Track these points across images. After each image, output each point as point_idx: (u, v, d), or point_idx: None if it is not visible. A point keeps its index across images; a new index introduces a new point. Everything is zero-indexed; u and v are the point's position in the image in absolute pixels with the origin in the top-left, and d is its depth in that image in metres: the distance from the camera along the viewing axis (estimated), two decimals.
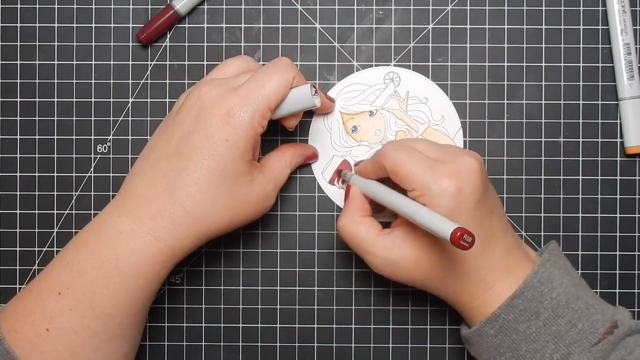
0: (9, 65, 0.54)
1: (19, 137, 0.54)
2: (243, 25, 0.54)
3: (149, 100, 0.54)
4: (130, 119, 0.54)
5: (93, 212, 0.54)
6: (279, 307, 0.54)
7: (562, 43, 0.54)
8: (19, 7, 0.54)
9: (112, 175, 0.54)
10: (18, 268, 0.54)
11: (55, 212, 0.54)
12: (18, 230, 0.54)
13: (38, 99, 0.54)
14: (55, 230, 0.54)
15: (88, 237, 0.45)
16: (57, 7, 0.54)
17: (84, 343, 0.43)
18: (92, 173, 0.54)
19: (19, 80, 0.54)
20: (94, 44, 0.54)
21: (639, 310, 0.53)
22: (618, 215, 0.54)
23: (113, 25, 0.54)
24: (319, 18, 0.54)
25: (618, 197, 0.54)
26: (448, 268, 0.45)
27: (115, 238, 0.44)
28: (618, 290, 0.54)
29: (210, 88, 0.46)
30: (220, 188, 0.44)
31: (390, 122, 0.54)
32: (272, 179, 0.48)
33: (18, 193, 0.54)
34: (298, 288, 0.54)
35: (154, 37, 0.53)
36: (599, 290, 0.53)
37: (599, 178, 0.54)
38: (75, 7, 0.54)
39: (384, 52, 0.54)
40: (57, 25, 0.54)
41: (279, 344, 0.54)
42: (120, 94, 0.54)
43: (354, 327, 0.54)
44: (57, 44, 0.54)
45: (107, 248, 0.44)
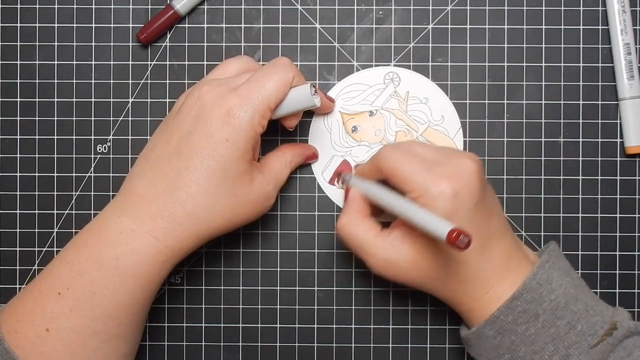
0: (9, 65, 0.54)
1: (19, 137, 0.54)
2: (243, 25, 0.54)
3: (149, 100, 0.54)
4: (130, 119, 0.54)
5: (93, 212, 0.54)
6: (279, 307, 0.54)
7: (562, 43, 0.54)
8: (19, 7, 0.54)
9: (112, 175, 0.54)
10: (18, 268, 0.54)
11: (55, 212, 0.54)
12: (18, 230, 0.54)
13: (38, 99, 0.54)
14: (55, 230, 0.54)
15: (88, 237, 0.45)
16: (57, 7, 0.54)
17: (84, 343, 0.43)
18: (92, 173, 0.54)
19: (19, 80, 0.54)
20: (94, 44, 0.54)
21: (639, 311, 0.53)
22: (618, 216, 0.54)
23: (113, 25, 0.54)
24: (319, 18, 0.54)
25: (618, 197, 0.54)
26: (447, 269, 0.45)
27: (115, 238, 0.44)
28: (618, 291, 0.53)
29: (210, 88, 0.46)
30: (220, 188, 0.44)
31: (390, 122, 0.54)
32: (272, 179, 0.48)
33: (18, 193, 0.54)
34: (298, 288, 0.54)
35: (154, 37, 0.53)
36: (599, 291, 0.53)
37: (599, 178, 0.54)
38: (75, 7, 0.54)
39: (384, 52, 0.54)
40: (57, 25, 0.54)
41: (279, 344, 0.54)
42: (120, 94, 0.54)
43: (354, 327, 0.54)
44: (57, 44, 0.54)
45: (107, 248, 0.44)
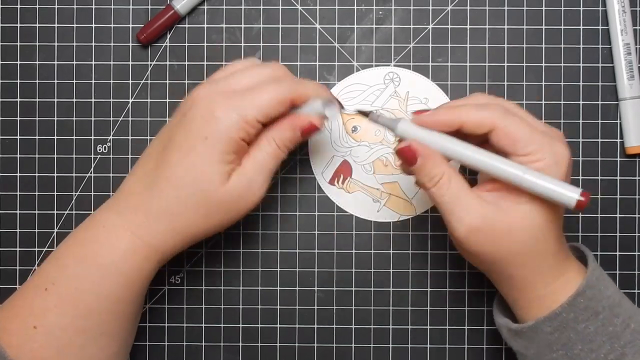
0: (9, 65, 0.54)
1: (19, 137, 0.54)
2: (243, 26, 0.54)
3: (149, 101, 0.54)
4: (130, 119, 0.54)
5: (93, 212, 0.53)
6: (279, 307, 0.54)
7: (562, 43, 0.54)
8: (19, 7, 0.54)
9: (112, 176, 0.54)
10: (18, 268, 0.54)
11: (55, 212, 0.54)
12: (18, 230, 0.54)
13: (38, 99, 0.54)
14: (55, 231, 0.54)
15: (77, 232, 0.45)
16: (57, 7, 0.54)
17: (71, 340, 0.43)
18: (92, 173, 0.54)
19: (19, 81, 0.54)
20: (94, 44, 0.54)
21: None
22: (618, 216, 0.54)
23: (113, 26, 0.54)
24: (319, 18, 0.54)
25: (618, 197, 0.54)
26: (543, 241, 0.43)
27: (98, 233, 0.44)
28: None
29: (204, 87, 0.45)
30: (194, 185, 0.44)
31: None
32: (250, 171, 0.45)
33: (18, 193, 0.54)
34: (298, 288, 0.54)
35: (154, 37, 0.53)
36: None
37: (599, 178, 0.54)
38: (75, 7, 0.54)
39: (384, 52, 0.54)
40: (57, 26, 0.54)
41: (279, 344, 0.54)
42: (120, 95, 0.54)
43: (354, 327, 0.54)
44: (57, 44, 0.54)
45: (90, 243, 0.44)
